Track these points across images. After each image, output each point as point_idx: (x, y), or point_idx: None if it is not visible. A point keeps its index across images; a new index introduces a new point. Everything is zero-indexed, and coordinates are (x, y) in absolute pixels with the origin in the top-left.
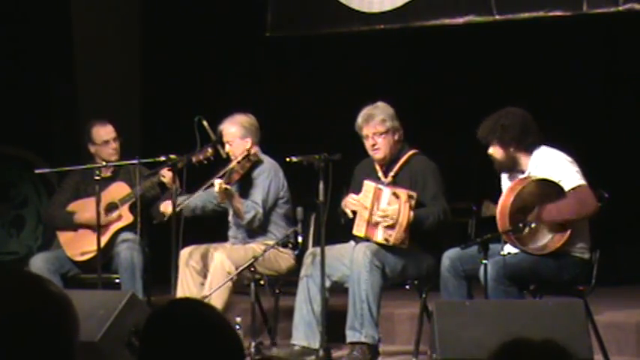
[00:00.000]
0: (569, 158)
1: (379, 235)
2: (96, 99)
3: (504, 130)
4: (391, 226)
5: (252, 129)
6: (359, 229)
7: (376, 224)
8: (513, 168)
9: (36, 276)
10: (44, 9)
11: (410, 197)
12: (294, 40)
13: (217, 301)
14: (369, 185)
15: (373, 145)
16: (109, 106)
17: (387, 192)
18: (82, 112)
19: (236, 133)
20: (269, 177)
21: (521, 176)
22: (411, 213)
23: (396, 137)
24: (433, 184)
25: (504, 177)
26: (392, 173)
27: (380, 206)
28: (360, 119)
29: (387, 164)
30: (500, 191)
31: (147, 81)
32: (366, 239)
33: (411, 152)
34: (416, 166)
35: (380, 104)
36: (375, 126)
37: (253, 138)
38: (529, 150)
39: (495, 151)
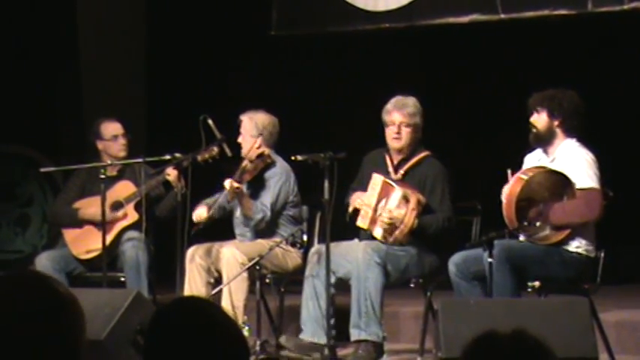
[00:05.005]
0: (591, 158)
1: (378, 232)
2: (101, 98)
3: (559, 102)
4: (393, 228)
5: (265, 132)
6: (363, 221)
7: (377, 220)
8: (547, 143)
9: (43, 276)
10: (49, 8)
11: (419, 204)
12: (299, 39)
13: (239, 293)
14: (377, 178)
15: (397, 133)
16: (114, 104)
17: (398, 193)
18: (87, 111)
19: (249, 130)
20: (280, 181)
21: (537, 164)
22: (416, 221)
23: (418, 135)
24: (441, 190)
25: (529, 160)
26: (402, 171)
27: (388, 205)
28: (391, 105)
29: (399, 161)
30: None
31: (152, 80)
32: (369, 232)
33: (423, 154)
34: (427, 168)
35: (412, 98)
36: (406, 115)
37: (264, 140)
38: (568, 133)
39: (539, 120)
